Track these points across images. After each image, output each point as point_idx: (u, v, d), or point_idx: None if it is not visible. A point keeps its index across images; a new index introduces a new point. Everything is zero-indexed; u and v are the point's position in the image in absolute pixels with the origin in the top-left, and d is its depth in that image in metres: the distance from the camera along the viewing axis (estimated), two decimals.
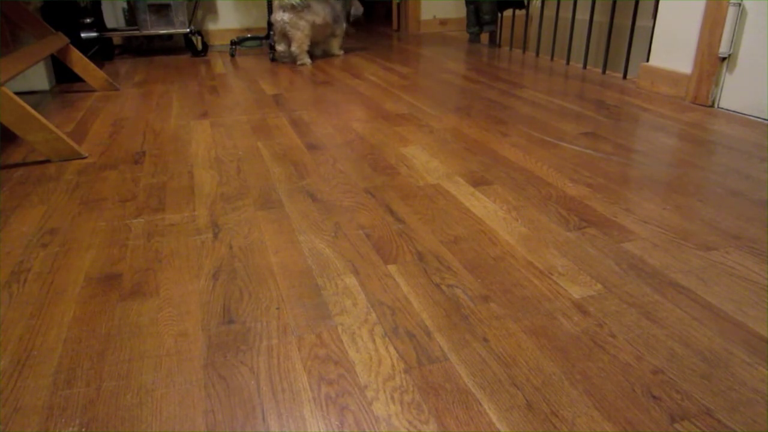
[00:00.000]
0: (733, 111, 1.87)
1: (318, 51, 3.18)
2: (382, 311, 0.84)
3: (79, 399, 0.69)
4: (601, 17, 3.14)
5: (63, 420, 0.66)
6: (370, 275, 0.94)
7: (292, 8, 2.81)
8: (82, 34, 2.77)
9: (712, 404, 0.66)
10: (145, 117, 1.97)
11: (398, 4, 4.29)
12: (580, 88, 2.29)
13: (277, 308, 0.86)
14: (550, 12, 3.31)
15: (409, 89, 2.33)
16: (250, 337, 0.79)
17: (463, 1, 3.61)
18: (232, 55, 3.27)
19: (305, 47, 2.93)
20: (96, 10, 3.03)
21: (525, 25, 3.19)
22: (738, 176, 1.33)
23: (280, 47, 2.98)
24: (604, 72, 2.56)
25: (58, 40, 2.16)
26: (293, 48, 2.93)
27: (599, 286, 0.90)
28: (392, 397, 0.68)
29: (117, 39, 3.59)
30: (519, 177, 1.35)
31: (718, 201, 1.20)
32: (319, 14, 2.89)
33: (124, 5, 3.32)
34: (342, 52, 3.22)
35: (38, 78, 2.43)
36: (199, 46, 3.29)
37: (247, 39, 3.43)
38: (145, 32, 3.15)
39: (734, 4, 1.79)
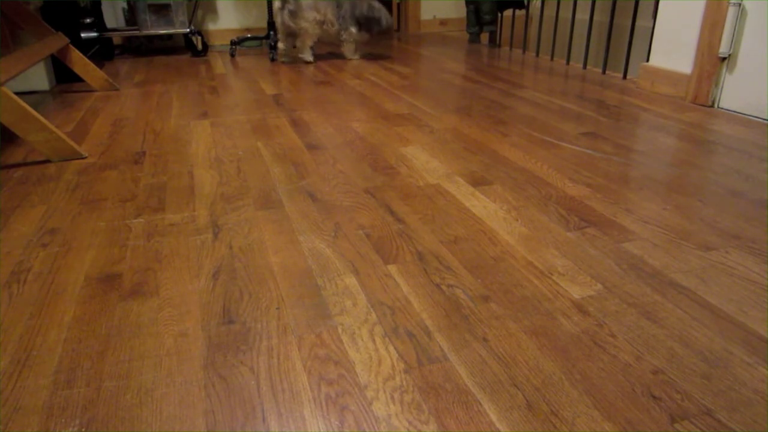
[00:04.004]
0: (733, 111, 1.87)
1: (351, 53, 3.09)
2: (382, 311, 0.84)
3: (79, 399, 0.69)
4: (601, 17, 3.14)
5: (63, 420, 0.66)
6: (370, 275, 0.94)
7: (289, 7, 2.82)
8: (82, 34, 2.77)
9: (712, 404, 0.66)
10: (145, 117, 1.97)
11: (398, 4, 4.29)
12: (580, 88, 2.29)
13: (277, 308, 0.86)
14: (550, 12, 3.31)
15: (409, 89, 2.33)
16: (250, 337, 0.79)
17: (463, 1, 3.61)
18: (232, 55, 3.27)
19: (308, 44, 2.94)
20: (96, 10, 3.03)
21: (525, 25, 3.19)
22: (738, 176, 1.33)
23: (282, 45, 2.98)
24: (604, 72, 2.56)
25: (58, 40, 2.16)
26: (297, 43, 2.94)
27: (599, 286, 0.90)
28: (392, 397, 0.68)
29: (117, 39, 3.59)
30: (519, 177, 1.35)
31: (718, 201, 1.20)
32: (321, 11, 2.86)
33: (124, 5, 3.32)
34: (357, 57, 3.09)
35: (38, 78, 2.43)
36: (199, 46, 3.29)
37: (247, 39, 3.43)
38: (145, 32, 3.15)
39: (734, 4, 1.79)
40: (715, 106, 1.93)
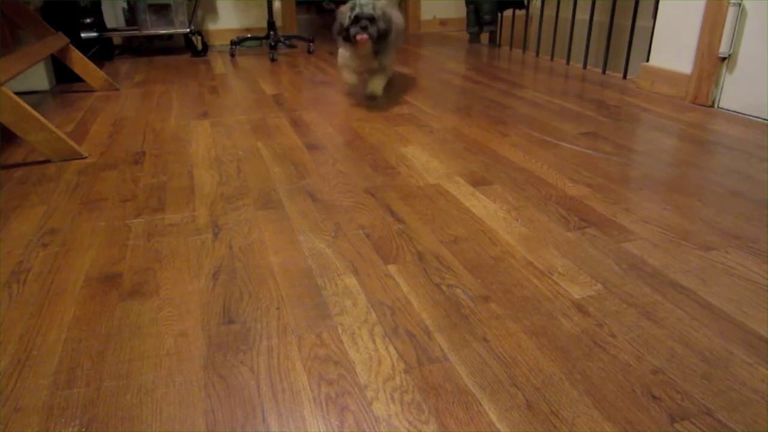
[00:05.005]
0: (733, 111, 1.87)
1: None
2: (382, 311, 0.84)
3: (79, 399, 0.69)
4: (601, 17, 3.14)
5: (63, 420, 0.66)
6: (370, 275, 0.94)
7: None
8: (82, 34, 2.77)
9: (712, 404, 0.66)
10: (145, 117, 1.97)
11: (398, 4, 4.29)
12: (580, 88, 2.29)
13: (277, 308, 0.86)
14: (550, 12, 3.31)
15: (409, 89, 2.32)
16: (250, 337, 0.79)
17: (463, 1, 3.61)
18: (232, 55, 3.27)
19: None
20: (96, 10, 3.03)
21: (525, 25, 3.19)
22: (738, 176, 1.33)
23: None
24: (604, 72, 2.56)
25: (58, 40, 2.16)
26: None
27: (599, 286, 0.90)
28: (392, 397, 0.68)
29: (117, 39, 3.59)
30: (519, 177, 1.35)
31: (718, 201, 1.20)
32: None
33: (124, 5, 3.32)
34: (371, 93, 2.12)
35: (38, 78, 2.43)
36: (199, 46, 3.29)
37: (247, 39, 3.43)
38: (145, 32, 3.15)
39: (734, 4, 1.79)
40: (715, 106, 1.93)
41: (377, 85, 2.12)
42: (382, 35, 1.91)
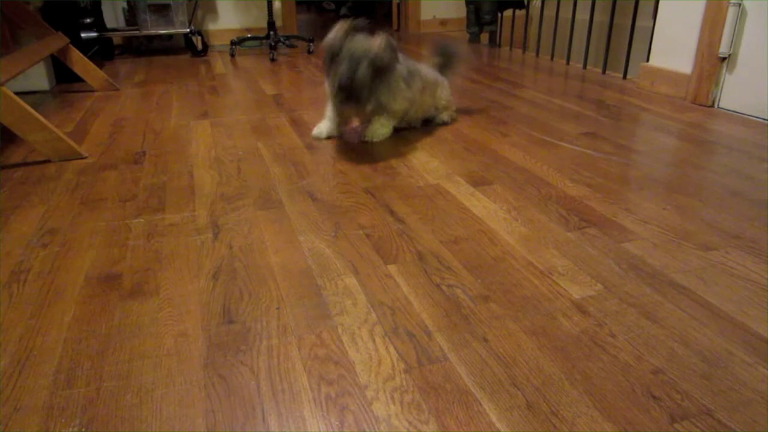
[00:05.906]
0: (733, 111, 1.87)
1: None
2: (382, 311, 0.84)
3: (79, 399, 0.69)
4: (601, 17, 3.14)
5: (63, 420, 0.66)
6: (370, 275, 0.94)
7: None
8: (82, 34, 2.77)
9: (712, 404, 0.66)
10: (145, 117, 1.97)
11: (398, 4, 4.29)
12: (580, 88, 2.29)
13: (277, 308, 0.86)
14: (550, 12, 3.31)
15: None
16: (250, 337, 0.79)
17: (463, 1, 3.61)
18: (232, 55, 3.27)
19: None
20: (96, 10, 3.03)
21: (525, 25, 3.19)
22: (738, 176, 1.33)
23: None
24: (604, 72, 2.56)
25: (58, 40, 2.16)
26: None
27: (599, 286, 0.90)
28: (392, 397, 0.68)
29: (117, 39, 3.59)
30: (519, 177, 1.35)
31: (718, 201, 1.20)
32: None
33: (124, 5, 3.32)
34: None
35: (38, 78, 2.43)
36: (199, 46, 3.28)
37: (247, 39, 3.43)
38: (145, 32, 3.15)
39: (734, 4, 1.79)
40: (715, 106, 1.93)
41: (375, 128, 1.62)
42: (366, 84, 1.46)
